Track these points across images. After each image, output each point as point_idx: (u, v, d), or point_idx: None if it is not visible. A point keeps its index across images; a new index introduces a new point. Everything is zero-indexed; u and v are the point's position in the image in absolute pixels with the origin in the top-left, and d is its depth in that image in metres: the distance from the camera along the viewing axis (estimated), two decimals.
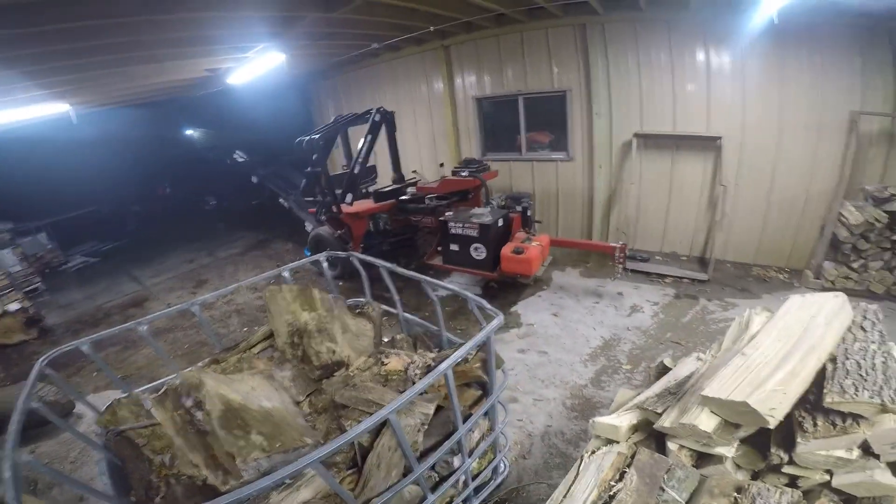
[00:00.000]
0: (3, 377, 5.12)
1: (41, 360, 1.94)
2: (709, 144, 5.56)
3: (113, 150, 11.12)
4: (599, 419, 1.97)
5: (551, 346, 4.48)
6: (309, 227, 7.07)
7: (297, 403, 2.29)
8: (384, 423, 1.99)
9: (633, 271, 5.86)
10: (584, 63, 6.04)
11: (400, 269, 2.67)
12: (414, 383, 2.33)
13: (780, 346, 1.78)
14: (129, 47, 4.44)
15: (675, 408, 1.83)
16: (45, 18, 3.19)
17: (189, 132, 8.99)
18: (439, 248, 5.88)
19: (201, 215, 11.94)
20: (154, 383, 2.41)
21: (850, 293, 4.60)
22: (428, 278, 2.51)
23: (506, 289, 5.65)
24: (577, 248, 6.10)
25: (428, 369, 2.41)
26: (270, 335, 2.52)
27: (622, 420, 1.97)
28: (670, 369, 2.47)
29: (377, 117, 6.03)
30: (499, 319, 1.95)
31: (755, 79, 5.11)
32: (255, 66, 6.15)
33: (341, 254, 3.00)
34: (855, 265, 4.73)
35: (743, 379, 1.65)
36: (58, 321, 6.61)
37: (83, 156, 10.47)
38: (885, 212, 4.52)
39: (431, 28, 5.99)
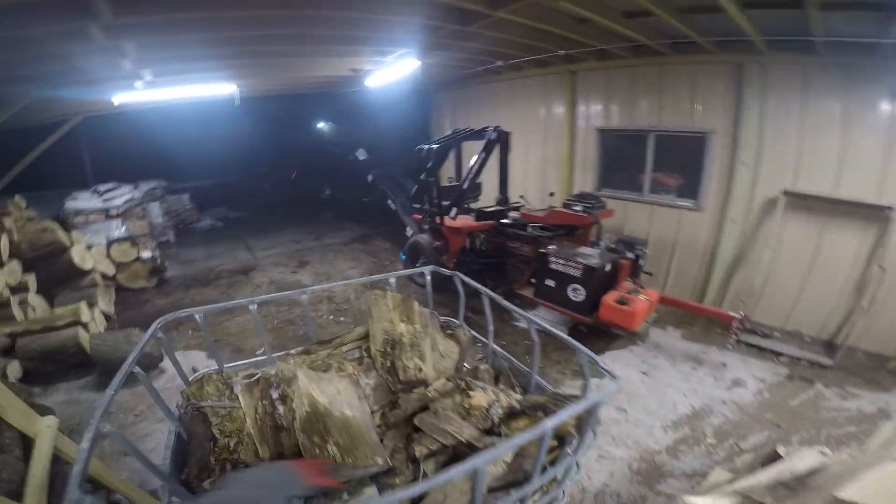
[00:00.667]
0: (115, 319, 5.77)
1: (158, 322, 2.03)
2: (874, 215, 4.62)
3: (257, 132, 12.43)
4: (690, 497, 1.80)
5: (632, 405, 4.13)
6: (409, 232, 7.21)
7: (372, 413, 2.22)
8: (455, 457, 1.87)
9: (746, 344, 5.12)
10: (734, 104, 5.39)
11: (505, 303, 2.51)
12: (494, 423, 2.15)
13: None
14: (286, 40, 4.92)
15: (789, 501, 1.61)
16: (218, 5, 3.61)
17: (320, 125, 9.69)
18: (532, 280, 5.63)
19: (316, 202, 12.87)
20: (246, 361, 2.50)
21: None
22: (533, 317, 2.32)
23: (595, 335, 5.23)
24: (689, 311, 5.41)
25: (510, 411, 2.21)
26: (364, 337, 2.49)
27: (717, 502, 1.78)
28: (782, 458, 2.14)
29: (493, 135, 5.96)
30: (616, 384, 1.71)
31: None
32: (392, 71, 6.49)
33: (446, 271, 2.91)
34: None
35: (890, 486, 1.45)
36: (176, 274, 7.46)
37: (232, 132, 11.87)
38: None
39: (561, 52, 5.81)
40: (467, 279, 2.81)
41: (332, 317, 5.87)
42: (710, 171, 5.81)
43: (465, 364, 2.82)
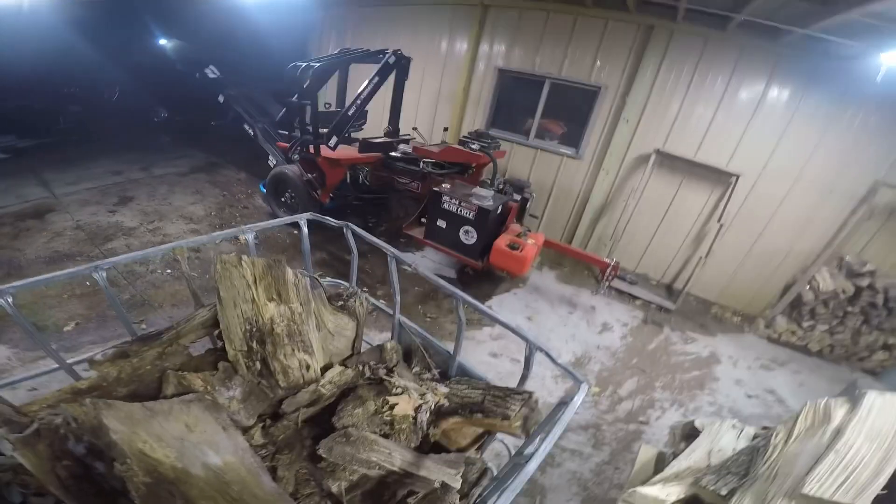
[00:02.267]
0: None
1: None
2: (722, 180, 5.33)
3: (68, 45, 9.29)
4: (642, 489, 1.75)
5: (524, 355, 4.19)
6: (273, 161, 6.12)
7: (247, 430, 1.53)
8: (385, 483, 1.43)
9: (617, 291, 5.69)
10: (632, 64, 5.47)
11: (420, 269, 1.95)
12: (424, 430, 1.67)
13: (873, 448, 1.66)
14: None
15: (747, 493, 1.64)
16: None
17: (163, 42, 7.60)
18: (422, 219, 5.23)
19: (149, 127, 10.33)
20: (23, 377, 1.53)
21: (789, 346, 5.11)
22: (460, 293, 1.81)
23: (481, 278, 5.24)
24: (570, 256, 5.62)
25: (439, 412, 1.75)
26: (212, 324, 1.69)
27: (668, 491, 1.73)
28: (699, 431, 2.17)
29: (391, 59, 5.15)
30: (584, 388, 1.37)
31: (800, 126, 4.89)
32: None
33: (332, 221, 2.20)
34: (804, 324, 4.99)
35: (843, 480, 1.55)
36: None
37: (30, 46, 8.59)
38: (854, 285, 4.72)
39: None
40: (361, 231, 2.18)
41: (169, 271, 4.56)
42: (595, 123, 5.93)
43: (365, 339, 2.27)
